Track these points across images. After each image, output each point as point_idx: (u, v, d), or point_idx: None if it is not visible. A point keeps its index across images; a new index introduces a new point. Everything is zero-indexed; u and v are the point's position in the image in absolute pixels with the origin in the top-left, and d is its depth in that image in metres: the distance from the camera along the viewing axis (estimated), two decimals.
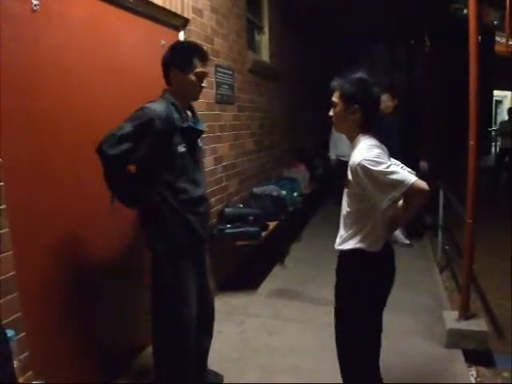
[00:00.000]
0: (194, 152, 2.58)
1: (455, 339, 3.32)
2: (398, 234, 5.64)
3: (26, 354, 2.07)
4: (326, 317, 3.88)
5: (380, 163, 2.04)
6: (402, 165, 2.28)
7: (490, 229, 5.49)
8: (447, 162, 5.35)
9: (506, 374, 3.22)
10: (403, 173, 2.05)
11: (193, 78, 2.54)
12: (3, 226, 2.00)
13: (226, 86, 4.57)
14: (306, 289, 4.60)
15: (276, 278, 4.94)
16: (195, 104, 2.67)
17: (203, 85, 2.60)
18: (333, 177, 7.09)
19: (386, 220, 2.23)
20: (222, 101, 4.46)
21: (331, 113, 2.32)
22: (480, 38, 3.16)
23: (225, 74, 4.51)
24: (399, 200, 2.18)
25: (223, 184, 4.52)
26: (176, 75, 2.54)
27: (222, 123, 4.44)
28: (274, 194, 5.21)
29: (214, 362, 3.19)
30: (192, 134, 2.57)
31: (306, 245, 6.27)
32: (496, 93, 17.15)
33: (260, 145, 5.90)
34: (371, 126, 2.27)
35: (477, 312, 3.57)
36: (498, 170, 10.62)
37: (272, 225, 4.71)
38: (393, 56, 10.72)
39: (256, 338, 3.59)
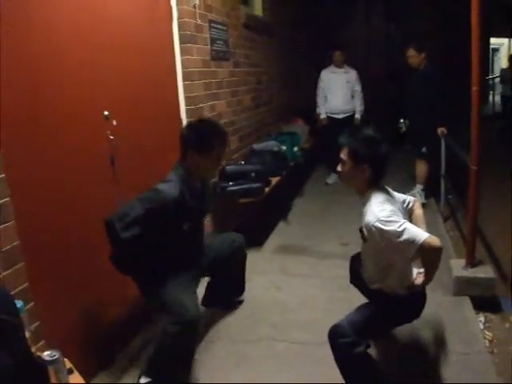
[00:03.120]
0: (198, 225, 2.74)
1: (462, 286, 3.34)
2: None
3: (37, 323, 2.07)
4: (333, 270, 3.92)
5: (392, 223, 2.09)
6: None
7: (491, 177, 5.45)
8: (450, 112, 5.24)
9: None
10: (414, 231, 2.09)
11: (211, 159, 2.54)
12: (4, 195, 1.95)
13: (221, 42, 4.43)
14: (312, 244, 4.60)
15: (280, 234, 4.94)
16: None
17: (223, 163, 2.63)
18: (324, 140, 6.97)
19: (405, 277, 2.32)
20: (218, 57, 4.34)
21: (339, 168, 2.35)
22: None
23: (219, 29, 4.37)
24: (415, 258, 2.21)
25: None
26: (193, 156, 2.52)
27: (218, 80, 4.33)
28: (275, 149, 5.14)
29: (225, 320, 3.24)
30: (198, 213, 2.69)
31: (309, 200, 6.26)
32: (492, 41, 16.78)
33: (258, 101, 5.79)
34: (381, 180, 2.32)
35: (482, 259, 3.57)
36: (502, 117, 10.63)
37: (274, 180, 4.67)
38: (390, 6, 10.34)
39: (265, 295, 3.59)
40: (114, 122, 2.73)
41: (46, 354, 1.63)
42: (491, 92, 14.59)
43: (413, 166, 5.71)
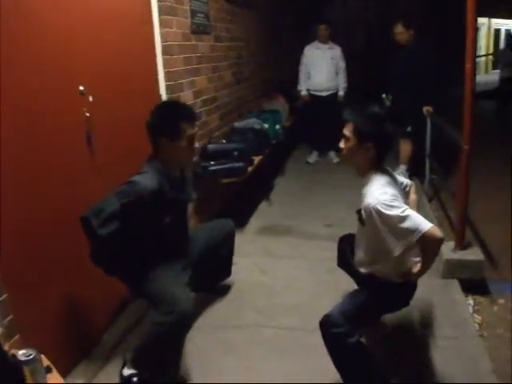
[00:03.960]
0: (181, 216, 2.59)
1: (452, 269, 3.29)
2: None
3: (10, 317, 1.92)
4: (318, 251, 3.84)
5: (395, 207, 2.00)
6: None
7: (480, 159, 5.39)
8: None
9: (501, 301, 3.23)
10: (418, 219, 2.00)
11: (183, 143, 2.36)
12: None
13: (202, 15, 4.23)
14: (295, 224, 4.50)
15: (263, 215, 4.83)
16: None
17: (196, 145, 2.46)
18: (305, 118, 6.88)
19: (401, 265, 2.22)
20: (198, 31, 4.14)
21: (342, 145, 2.22)
22: None
23: (199, 1, 4.15)
24: (414, 247, 2.11)
25: (203, 119, 4.27)
26: (165, 144, 2.35)
27: (198, 54, 4.14)
28: (256, 127, 4.99)
29: (210, 305, 3.13)
30: (180, 204, 2.54)
31: (290, 179, 6.15)
32: None
33: (239, 76, 5.60)
34: (383, 161, 2.22)
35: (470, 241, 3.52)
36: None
37: (257, 159, 4.53)
38: None
39: (250, 278, 3.49)
40: (91, 98, 2.53)
41: (21, 354, 1.49)
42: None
43: (395, 145, 5.62)
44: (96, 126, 2.57)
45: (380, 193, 2.05)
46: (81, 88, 2.47)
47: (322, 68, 6.47)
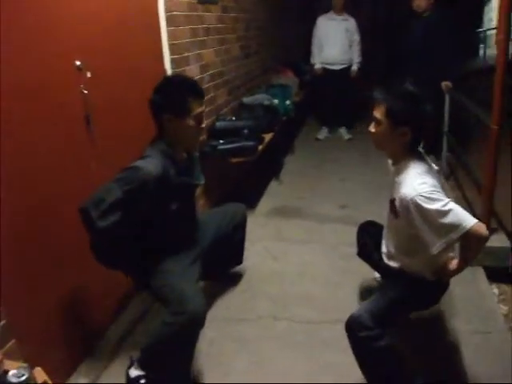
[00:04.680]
0: (188, 202, 2.37)
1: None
2: None
3: (4, 322, 1.74)
4: (332, 235, 3.67)
5: (436, 200, 1.80)
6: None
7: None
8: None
9: None
10: (461, 213, 1.81)
11: (191, 122, 2.13)
12: None
13: None
14: (307, 205, 4.30)
15: (273, 196, 4.62)
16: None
17: (203, 125, 2.22)
18: (317, 93, 6.64)
19: (435, 261, 2.04)
20: (205, 0, 3.88)
21: (372, 129, 2.00)
22: None
23: None
24: (455, 243, 1.91)
25: (211, 95, 4.03)
26: (171, 122, 2.13)
27: (205, 26, 3.88)
28: (266, 102, 4.73)
29: (221, 295, 2.96)
30: (187, 189, 2.31)
31: (300, 157, 5.94)
32: None
33: (247, 50, 5.33)
34: (420, 146, 2.03)
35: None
36: None
37: (267, 137, 4.29)
38: None
39: (261, 265, 3.30)
40: (88, 74, 2.30)
41: (12, 374, 1.31)
42: (482, 45, 14.10)
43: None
44: (95, 105, 2.35)
45: (418, 183, 1.86)
46: (77, 63, 2.24)
47: (335, 40, 6.18)
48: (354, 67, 6.30)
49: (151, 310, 2.76)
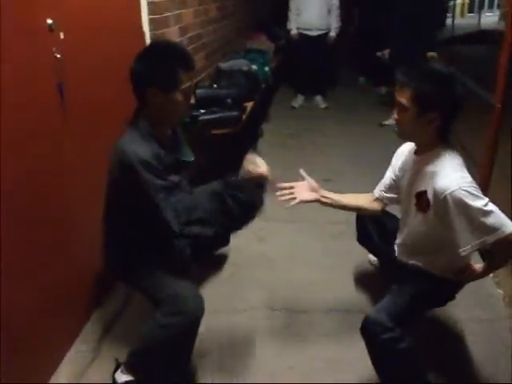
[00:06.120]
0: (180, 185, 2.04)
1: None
2: None
3: None
4: (320, 213, 3.42)
5: (478, 198, 1.68)
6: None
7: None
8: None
9: None
10: (502, 217, 1.69)
11: (179, 97, 1.83)
12: None
13: None
14: (289, 179, 4.04)
15: None
16: None
17: (192, 101, 1.92)
18: (293, 59, 6.38)
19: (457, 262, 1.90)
20: None
21: (396, 116, 1.84)
22: None
23: None
24: (486, 247, 1.76)
25: None
26: (155, 96, 1.82)
27: None
28: (244, 68, 4.43)
29: (208, 283, 2.74)
30: (177, 170, 1.99)
31: (276, 125, 5.71)
32: None
33: (224, 11, 4.99)
34: (449, 133, 1.86)
35: None
36: None
37: (249, 106, 4.00)
38: None
39: (247, 247, 3.07)
40: (62, 35, 1.97)
41: None
42: (451, 14, 13.97)
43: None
44: (69, 73, 2.02)
45: (460, 176, 1.71)
46: (49, 21, 1.90)
47: (313, 4, 5.90)
48: (332, 33, 6.05)
49: (132, 300, 2.52)
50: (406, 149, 2.07)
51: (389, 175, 2.20)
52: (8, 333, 1.68)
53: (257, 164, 1.94)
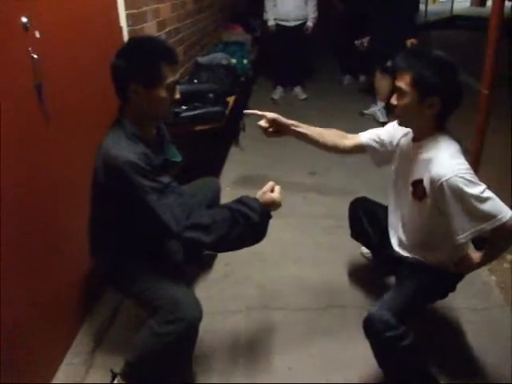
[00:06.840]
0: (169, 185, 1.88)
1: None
2: None
3: None
4: (307, 207, 3.50)
5: (475, 184, 1.67)
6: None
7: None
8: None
9: (510, 257, 2.91)
10: (500, 204, 1.67)
11: (163, 93, 1.74)
12: None
13: None
14: (274, 173, 4.01)
15: (236, 163, 4.32)
16: None
17: (177, 97, 1.81)
18: (271, 51, 6.32)
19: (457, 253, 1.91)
20: None
21: (394, 101, 1.82)
22: None
23: None
24: (484, 233, 1.74)
25: None
26: (138, 92, 1.73)
27: None
28: (224, 62, 4.36)
29: (200, 282, 2.69)
30: (166, 167, 1.90)
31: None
32: None
33: (200, 4, 4.88)
34: (447, 120, 1.84)
35: None
36: None
37: (231, 101, 3.93)
38: None
39: None
40: (37, 34, 1.87)
41: None
42: (424, 0, 14.01)
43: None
44: (47, 73, 1.92)
45: (455, 163, 1.69)
46: (23, 20, 1.80)
47: None
48: (310, 24, 5.96)
49: (121, 310, 2.45)
50: (401, 131, 2.04)
51: (384, 132, 2.15)
52: None
53: (276, 191, 1.86)
